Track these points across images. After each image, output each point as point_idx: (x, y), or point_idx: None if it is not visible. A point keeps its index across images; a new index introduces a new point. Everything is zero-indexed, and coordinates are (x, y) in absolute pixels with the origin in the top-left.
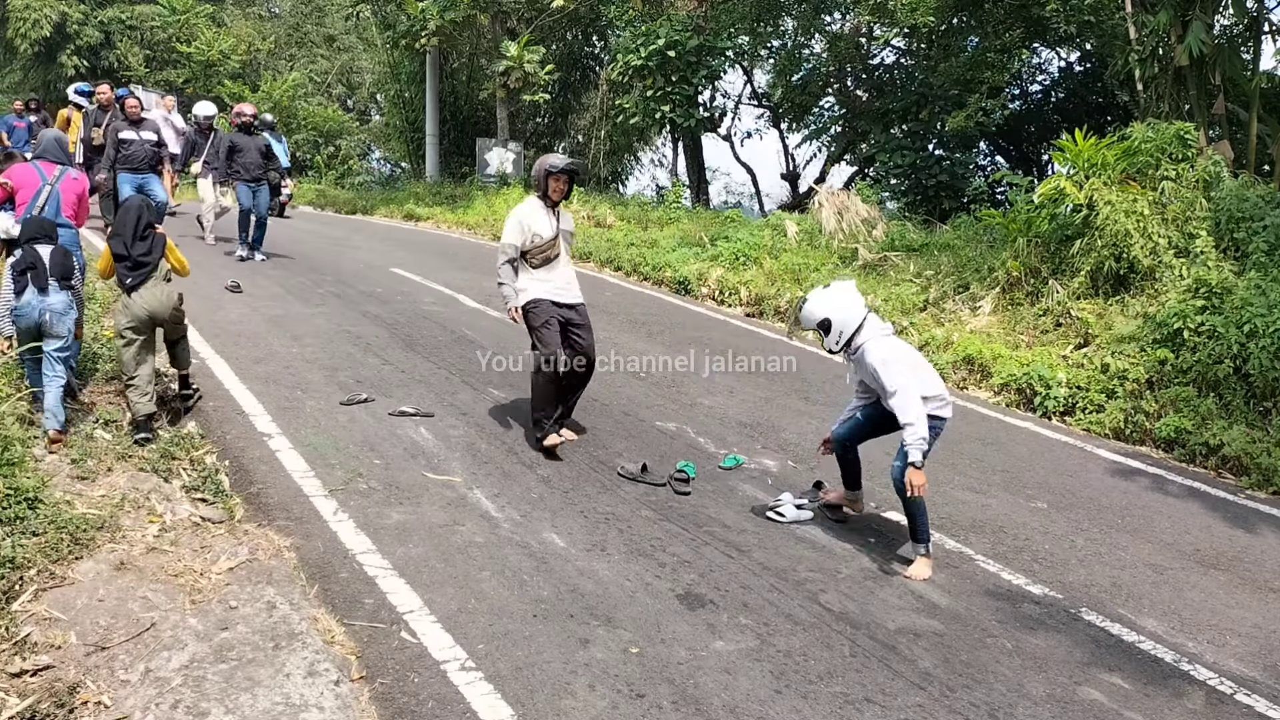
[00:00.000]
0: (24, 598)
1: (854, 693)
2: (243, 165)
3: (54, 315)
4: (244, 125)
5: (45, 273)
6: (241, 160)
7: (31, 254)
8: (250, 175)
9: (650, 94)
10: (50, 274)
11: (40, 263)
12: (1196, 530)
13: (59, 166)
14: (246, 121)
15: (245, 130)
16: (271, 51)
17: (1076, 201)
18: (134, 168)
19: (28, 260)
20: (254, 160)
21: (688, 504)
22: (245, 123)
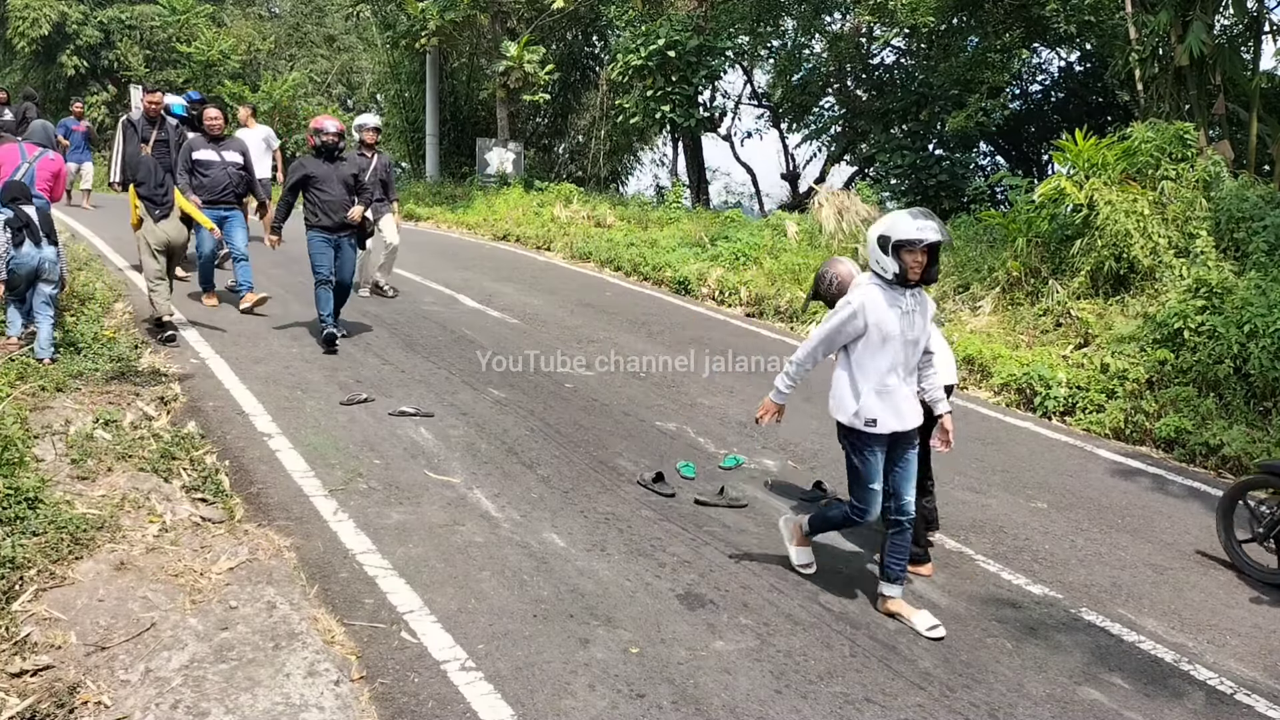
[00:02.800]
0: (24, 598)
1: (854, 693)
2: (324, 205)
3: (49, 264)
4: (326, 148)
5: (38, 229)
6: (323, 197)
7: (23, 214)
8: (335, 220)
9: (650, 94)
10: (41, 229)
11: (32, 221)
12: (1196, 530)
13: (39, 149)
14: (329, 142)
15: (327, 155)
16: (271, 51)
17: (1076, 201)
18: (214, 198)
19: (22, 219)
20: (339, 197)
21: (688, 504)
22: (328, 143)
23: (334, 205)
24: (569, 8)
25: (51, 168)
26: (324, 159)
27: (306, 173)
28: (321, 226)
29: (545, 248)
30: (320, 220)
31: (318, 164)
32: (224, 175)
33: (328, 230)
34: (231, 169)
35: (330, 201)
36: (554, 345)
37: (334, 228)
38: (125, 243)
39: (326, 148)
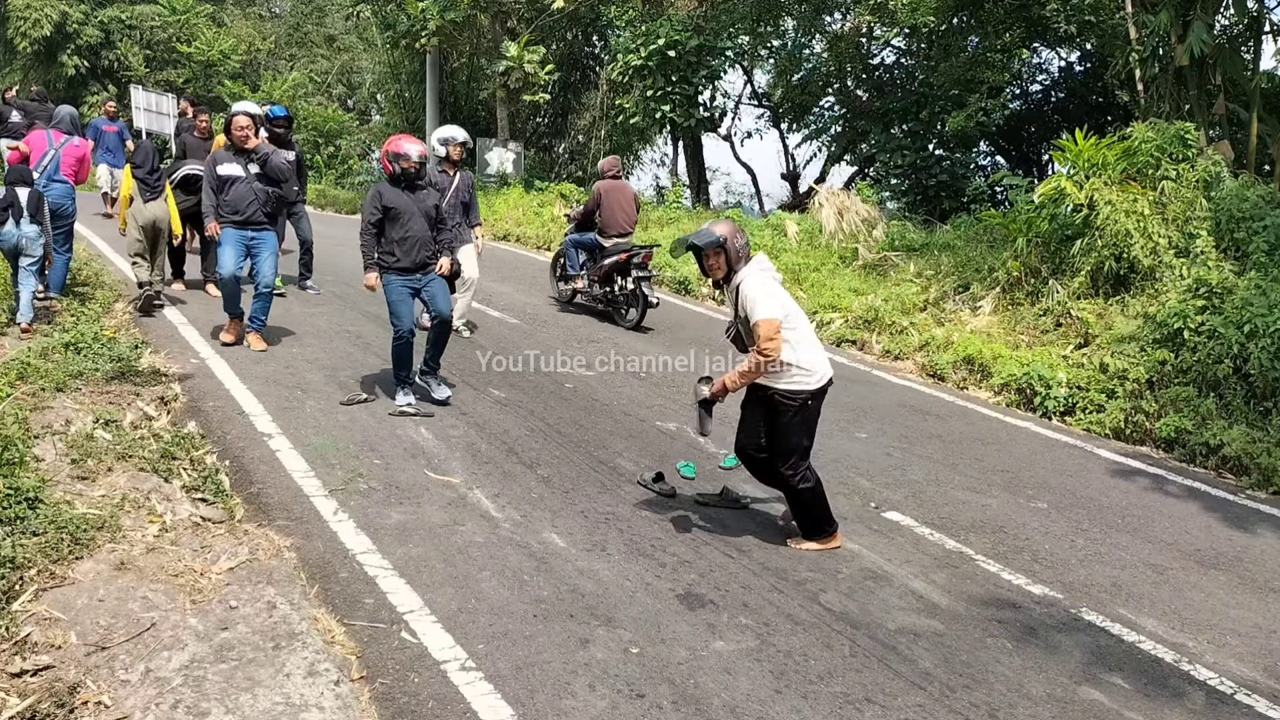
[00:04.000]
0: (24, 598)
1: (854, 693)
2: (404, 243)
3: (28, 240)
4: (406, 177)
5: (21, 209)
6: (402, 234)
7: (10, 195)
8: (415, 259)
9: (650, 94)
10: (26, 209)
11: (16, 202)
12: (1196, 530)
13: (65, 135)
14: (411, 170)
15: (408, 184)
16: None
17: (1077, 201)
18: (242, 218)
19: (7, 200)
20: (420, 233)
21: (688, 504)
22: (409, 172)
23: (415, 243)
24: (569, 8)
25: (76, 153)
26: (403, 188)
27: (385, 204)
28: (401, 269)
29: (545, 248)
30: (399, 260)
31: (396, 194)
32: (250, 191)
33: (407, 272)
34: (260, 185)
35: (411, 238)
36: (554, 345)
37: (415, 268)
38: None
39: (407, 176)
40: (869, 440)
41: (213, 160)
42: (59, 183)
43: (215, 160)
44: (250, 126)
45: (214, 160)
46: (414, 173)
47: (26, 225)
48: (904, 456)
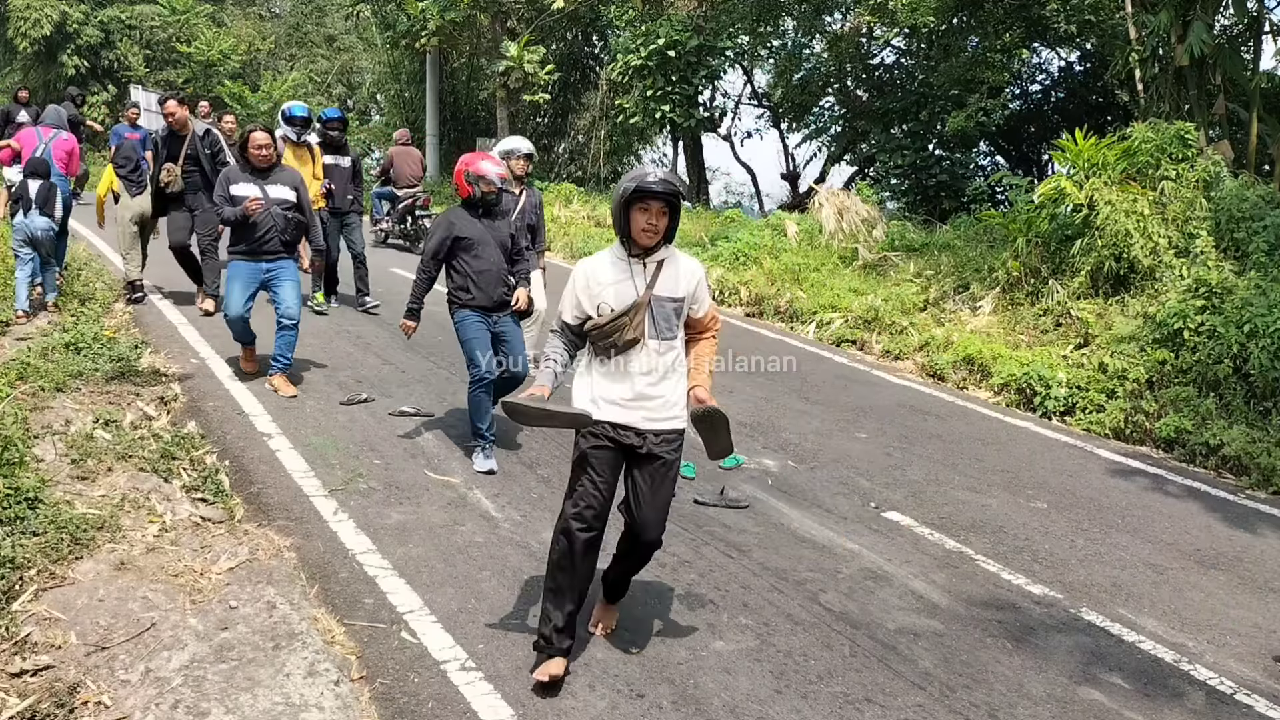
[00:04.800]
0: (24, 598)
1: (854, 693)
2: (479, 277)
3: (40, 233)
4: (485, 202)
5: (30, 201)
6: (478, 266)
7: (22, 187)
8: (493, 296)
9: (650, 94)
10: (35, 202)
11: (26, 195)
12: (1196, 530)
13: (54, 130)
14: (490, 194)
15: (485, 210)
16: (271, 51)
17: (1077, 201)
18: (256, 246)
19: (18, 193)
20: (497, 266)
21: (688, 504)
22: (488, 196)
23: (492, 277)
24: (569, 8)
25: (65, 146)
26: (479, 214)
27: (456, 234)
28: (476, 305)
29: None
30: (474, 297)
31: (471, 222)
32: (268, 217)
33: (484, 309)
34: (279, 209)
35: (487, 272)
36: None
37: (493, 306)
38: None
39: (485, 202)
40: (869, 440)
41: (225, 179)
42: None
43: (228, 179)
44: (270, 146)
45: (226, 179)
46: (493, 197)
47: (36, 217)
48: (904, 456)
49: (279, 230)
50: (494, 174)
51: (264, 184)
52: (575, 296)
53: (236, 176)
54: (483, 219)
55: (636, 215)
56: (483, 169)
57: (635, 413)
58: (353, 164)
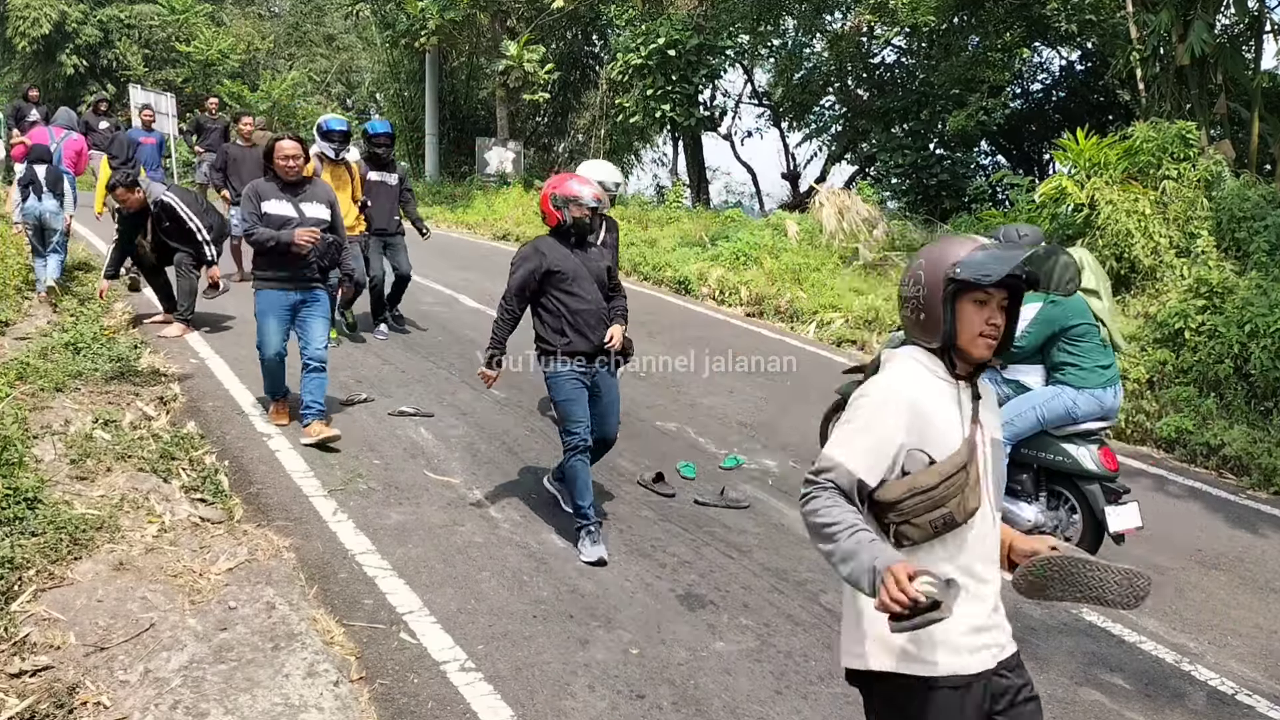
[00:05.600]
0: (23, 598)
1: (854, 693)
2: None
3: (50, 214)
4: (579, 229)
5: (41, 186)
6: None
7: (31, 173)
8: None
9: (650, 93)
10: (45, 186)
11: (37, 179)
12: (1197, 530)
13: (65, 130)
14: (584, 220)
15: (578, 238)
16: (271, 51)
17: (1078, 201)
18: (289, 276)
19: (29, 177)
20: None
21: (688, 504)
22: (582, 222)
23: (591, 317)
24: (569, 7)
25: (74, 147)
26: (571, 244)
27: (549, 267)
28: (575, 352)
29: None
30: (572, 342)
31: (563, 251)
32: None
33: (585, 357)
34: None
35: (585, 312)
36: None
37: (592, 353)
38: None
39: (579, 228)
40: None
41: (254, 194)
42: (62, 174)
43: (258, 194)
44: (299, 157)
45: (256, 194)
46: (587, 222)
47: (48, 200)
48: None
49: (318, 254)
50: (587, 195)
51: (298, 201)
52: (884, 435)
53: (267, 192)
54: (576, 249)
55: (970, 311)
56: (574, 190)
57: (987, 650)
58: (400, 181)
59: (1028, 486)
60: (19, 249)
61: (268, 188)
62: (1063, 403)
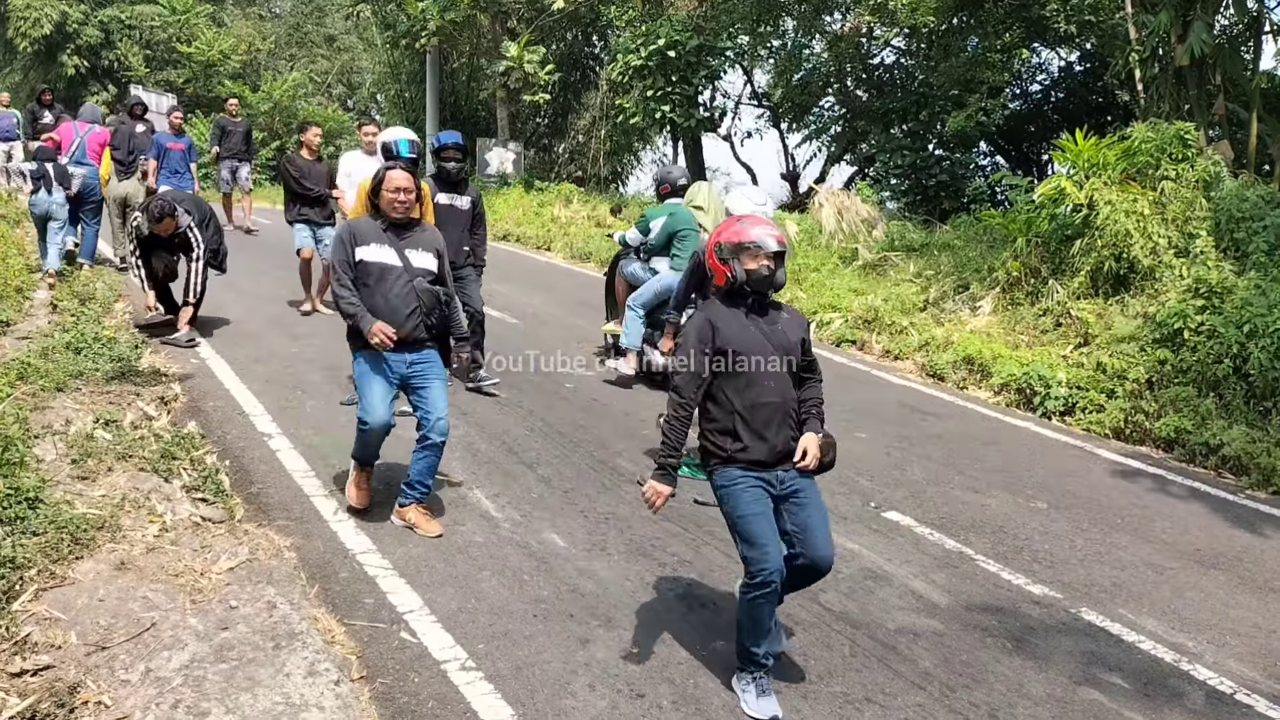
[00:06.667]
0: (24, 598)
1: (854, 693)
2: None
3: (56, 207)
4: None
5: (50, 181)
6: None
7: (41, 169)
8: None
9: (650, 94)
10: (55, 181)
11: (46, 174)
12: (1196, 530)
13: (89, 124)
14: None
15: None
16: (272, 51)
17: (1076, 201)
18: (396, 335)
19: (39, 173)
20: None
21: (688, 504)
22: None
23: (774, 414)
24: (569, 8)
25: (99, 139)
26: (747, 307)
27: (720, 344)
28: (751, 460)
29: (545, 248)
30: (746, 448)
31: (737, 321)
32: (410, 293)
33: (763, 468)
34: (424, 282)
35: (767, 407)
36: (554, 345)
37: (775, 460)
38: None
39: (757, 285)
40: (869, 440)
41: (350, 235)
42: (86, 165)
43: (354, 235)
44: (412, 190)
45: (351, 235)
46: (767, 278)
47: (57, 193)
48: (904, 456)
49: (425, 311)
50: (767, 240)
51: (403, 247)
52: None
53: (366, 233)
54: (752, 315)
55: None
56: (748, 234)
57: None
58: (473, 204)
59: (656, 339)
60: (20, 249)
61: (367, 228)
62: (670, 280)
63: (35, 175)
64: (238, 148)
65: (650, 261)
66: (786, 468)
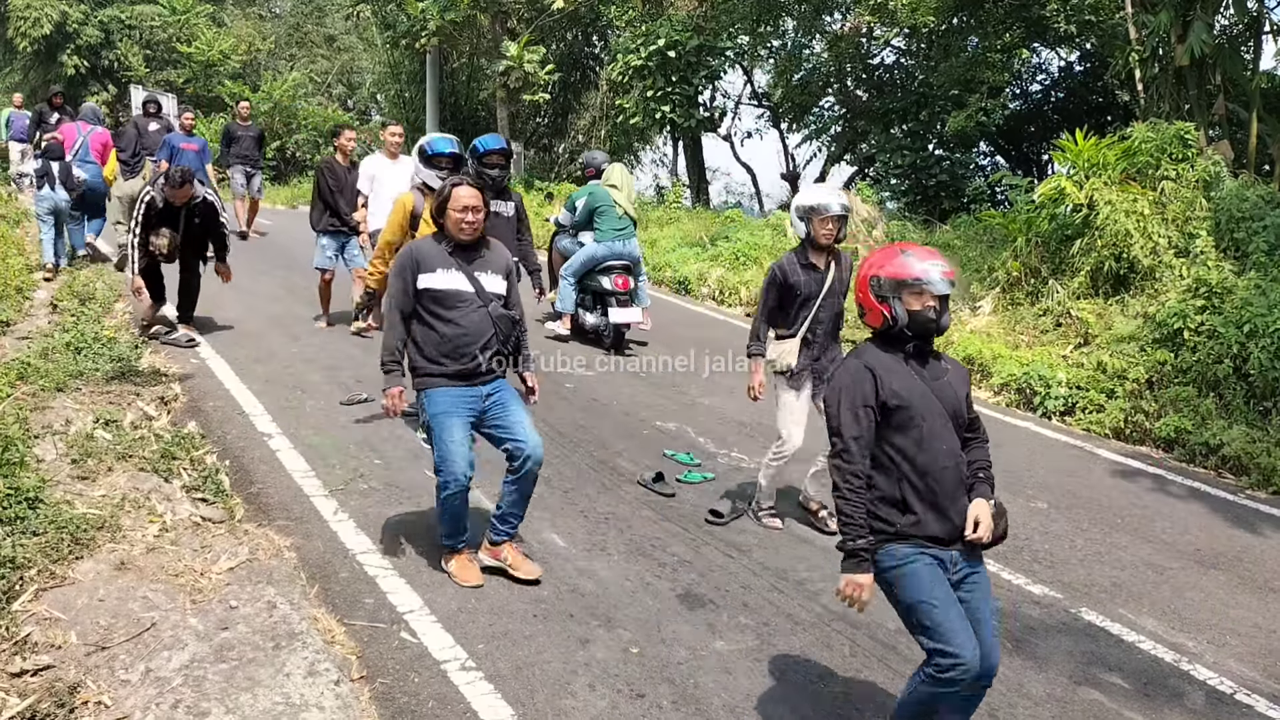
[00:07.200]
0: (24, 598)
1: (854, 692)
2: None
3: (63, 202)
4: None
5: (55, 178)
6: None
7: (46, 166)
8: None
9: (650, 94)
10: (59, 179)
11: (50, 172)
12: (1196, 530)
13: (91, 125)
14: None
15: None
16: (272, 51)
17: (1076, 201)
18: (469, 368)
19: (44, 170)
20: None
21: (688, 504)
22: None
23: (947, 480)
24: (569, 8)
25: (101, 139)
26: (907, 358)
27: (885, 399)
28: (929, 537)
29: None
30: (921, 521)
31: (901, 374)
32: (486, 321)
33: (939, 544)
34: (497, 306)
35: (940, 472)
36: (554, 345)
37: (950, 538)
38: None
39: (921, 331)
40: None
41: (412, 260)
42: (90, 164)
43: (417, 261)
44: (481, 209)
45: (414, 260)
46: (934, 319)
47: (60, 190)
48: None
49: (499, 338)
50: (936, 277)
51: (473, 270)
52: None
53: (431, 258)
54: (913, 363)
55: None
56: (912, 269)
57: None
58: (516, 210)
59: (588, 303)
60: (20, 249)
61: (433, 252)
62: (592, 250)
63: (40, 173)
64: (249, 153)
65: (578, 236)
66: (959, 546)
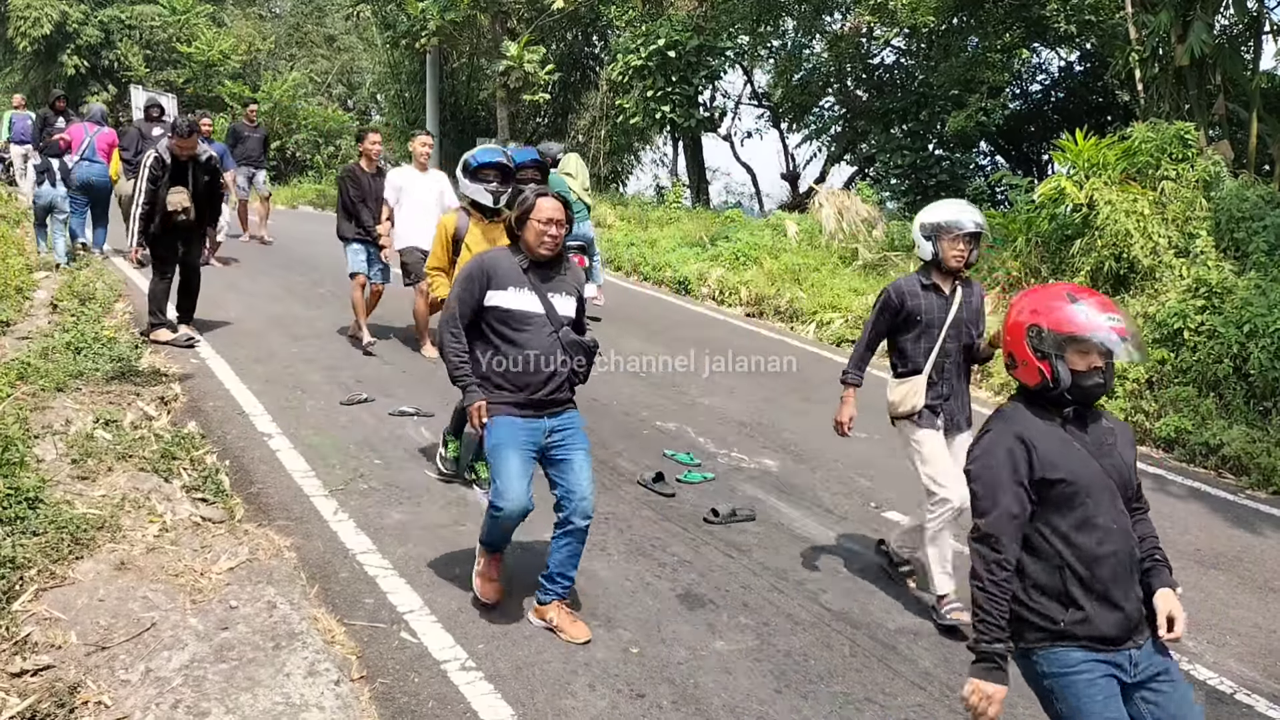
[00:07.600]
0: (24, 598)
1: (854, 692)
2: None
3: (60, 199)
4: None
5: (55, 176)
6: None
7: (46, 163)
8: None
9: (650, 94)
10: (59, 176)
11: (51, 170)
12: (1196, 530)
13: (97, 125)
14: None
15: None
16: (272, 51)
17: (1077, 201)
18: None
19: (43, 168)
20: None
21: (688, 504)
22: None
23: (1120, 565)
24: (569, 8)
25: (107, 139)
26: (1067, 426)
27: (1046, 474)
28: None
29: None
30: (1089, 618)
31: (1061, 443)
32: (554, 346)
33: (1111, 646)
34: (569, 332)
35: (1110, 558)
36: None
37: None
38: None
39: (1086, 396)
40: (869, 440)
41: (482, 274)
42: (96, 163)
43: (487, 275)
44: (564, 223)
45: (484, 274)
46: (1101, 383)
47: (59, 188)
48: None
49: (569, 364)
50: (1112, 338)
51: (547, 290)
52: None
53: (504, 274)
54: (1073, 428)
55: None
56: (1085, 324)
57: None
58: None
59: None
60: (20, 249)
61: (507, 266)
62: None
63: (40, 169)
64: (254, 153)
65: None
66: (1140, 642)
